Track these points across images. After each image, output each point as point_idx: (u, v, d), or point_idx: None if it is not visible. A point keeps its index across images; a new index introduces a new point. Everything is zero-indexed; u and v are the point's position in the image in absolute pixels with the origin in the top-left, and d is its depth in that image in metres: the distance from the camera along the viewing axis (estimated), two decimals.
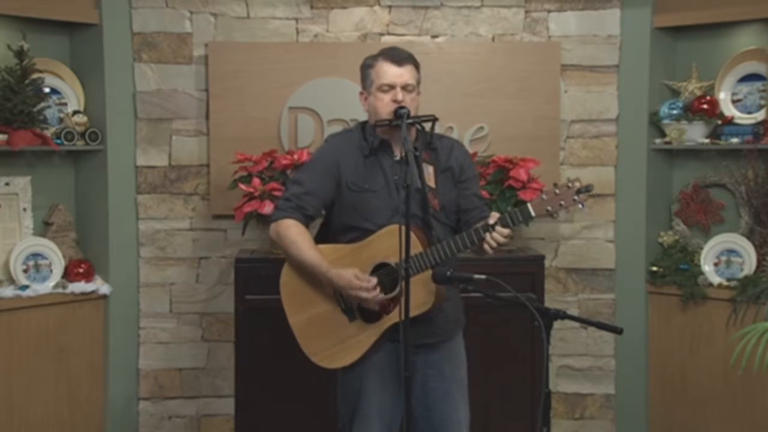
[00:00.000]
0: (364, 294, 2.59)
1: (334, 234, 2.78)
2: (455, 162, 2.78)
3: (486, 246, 2.55)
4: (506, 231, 2.53)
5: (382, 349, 2.69)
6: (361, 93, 2.77)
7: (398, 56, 2.69)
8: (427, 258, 2.58)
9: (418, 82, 2.72)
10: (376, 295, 2.60)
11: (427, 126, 2.73)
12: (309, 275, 2.70)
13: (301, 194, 2.72)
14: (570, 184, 2.50)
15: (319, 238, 2.82)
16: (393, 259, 2.59)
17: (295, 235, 2.68)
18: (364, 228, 2.68)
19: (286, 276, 2.77)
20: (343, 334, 2.69)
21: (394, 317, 2.62)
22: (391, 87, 2.66)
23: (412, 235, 2.48)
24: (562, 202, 2.49)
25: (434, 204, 2.68)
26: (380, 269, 2.64)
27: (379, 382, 2.71)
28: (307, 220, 2.73)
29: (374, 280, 2.60)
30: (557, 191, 2.50)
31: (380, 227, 2.65)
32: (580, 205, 2.50)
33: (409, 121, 2.62)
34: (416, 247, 2.53)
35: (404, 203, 2.44)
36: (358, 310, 2.68)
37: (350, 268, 2.62)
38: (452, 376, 2.77)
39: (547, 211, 2.50)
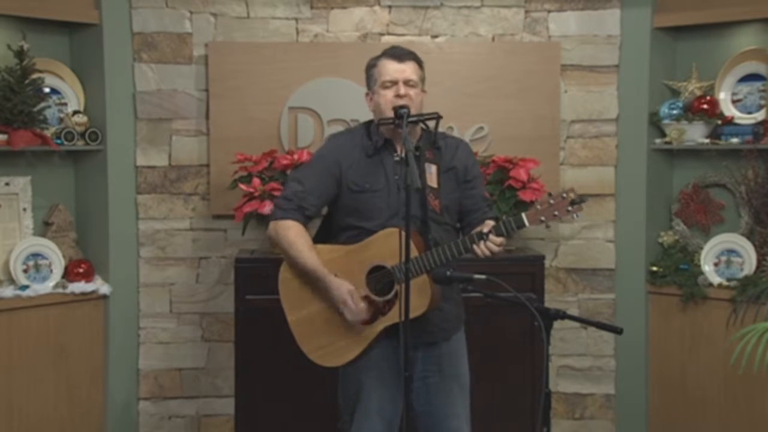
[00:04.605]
0: (348, 314, 2.63)
1: (335, 232, 2.80)
2: (459, 162, 2.79)
3: (478, 252, 2.57)
4: (499, 240, 2.56)
5: (382, 346, 2.70)
6: (367, 94, 2.78)
7: (399, 53, 2.71)
8: (422, 263, 2.59)
9: (422, 80, 2.74)
10: (359, 320, 2.64)
11: (431, 124, 2.74)
12: (306, 276, 2.71)
13: (300, 193, 2.73)
14: (564, 195, 2.51)
15: (321, 235, 2.84)
16: (389, 263, 2.61)
17: (295, 236, 2.69)
18: (363, 227, 2.69)
19: (285, 273, 2.77)
20: (339, 333, 2.70)
21: (388, 319, 2.64)
22: (393, 83, 2.67)
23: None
24: (556, 213, 2.51)
25: (434, 205, 2.69)
26: (376, 272, 2.65)
27: (379, 380, 2.72)
28: (306, 221, 2.75)
29: (363, 307, 2.63)
30: (551, 201, 2.51)
31: (379, 227, 2.65)
32: (574, 216, 2.51)
33: (412, 119, 2.62)
34: (413, 252, 2.54)
35: (405, 204, 2.44)
36: None
37: (348, 283, 2.64)
38: (451, 373, 2.79)
39: (541, 221, 2.52)
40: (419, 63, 2.74)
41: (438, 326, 2.74)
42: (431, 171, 2.70)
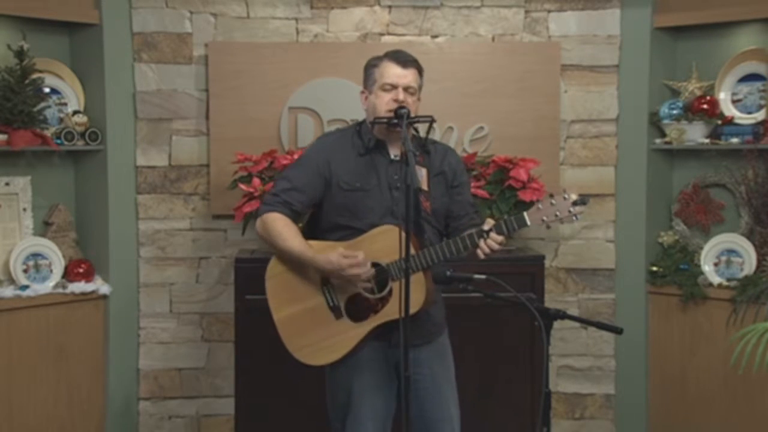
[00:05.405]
0: (355, 270, 2.57)
1: (322, 232, 2.77)
2: (448, 167, 2.79)
3: (479, 251, 2.57)
4: (500, 238, 2.55)
5: (371, 348, 2.69)
6: (362, 92, 2.78)
7: (403, 58, 2.71)
8: (420, 260, 2.59)
9: (420, 87, 2.74)
10: (368, 270, 2.58)
11: (423, 128, 2.74)
12: (296, 266, 2.69)
13: (288, 190, 2.72)
14: (566, 196, 2.51)
15: (306, 237, 2.82)
16: (384, 260, 2.60)
17: (281, 226, 2.68)
18: (355, 227, 2.68)
19: (272, 270, 2.75)
20: (328, 331, 2.68)
21: (380, 317, 2.63)
22: (393, 87, 2.67)
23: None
24: (558, 213, 2.51)
25: (426, 206, 2.69)
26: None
27: (369, 382, 2.71)
28: (293, 215, 2.72)
29: (362, 254, 2.58)
30: (553, 202, 2.52)
31: (371, 227, 2.65)
32: (574, 218, 2.51)
33: (408, 121, 2.63)
34: (411, 250, 2.53)
35: (404, 203, 2.44)
36: (344, 308, 2.67)
37: (334, 250, 2.60)
38: (442, 375, 2.79)
39: (543, 221, 2.53)
40: (420, 71, 2.74)
41: (426, 329, 2.75)
42: (422, 174, 2.70)
